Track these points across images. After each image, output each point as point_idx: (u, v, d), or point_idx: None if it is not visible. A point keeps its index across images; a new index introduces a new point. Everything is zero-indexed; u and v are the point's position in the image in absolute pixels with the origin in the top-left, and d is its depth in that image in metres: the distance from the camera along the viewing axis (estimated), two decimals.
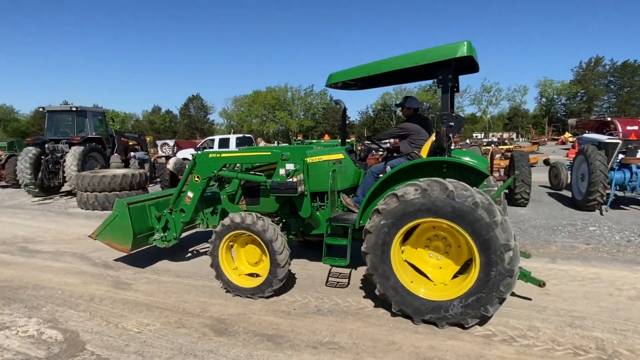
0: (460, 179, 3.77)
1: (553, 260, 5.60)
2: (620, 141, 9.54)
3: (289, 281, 4.91)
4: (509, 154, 13.24)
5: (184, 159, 15.22)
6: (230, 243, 4.65)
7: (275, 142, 55.75)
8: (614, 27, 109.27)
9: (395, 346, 3.45)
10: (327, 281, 4.98)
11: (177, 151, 20.86)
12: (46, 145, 13.40)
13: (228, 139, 19.78)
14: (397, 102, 5.46)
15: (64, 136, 14.21)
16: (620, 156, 8.96)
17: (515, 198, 9.08)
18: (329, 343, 3.54)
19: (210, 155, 5.04)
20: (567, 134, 47.75)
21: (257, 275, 4.63)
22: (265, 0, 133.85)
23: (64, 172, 12.90)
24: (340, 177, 4.83)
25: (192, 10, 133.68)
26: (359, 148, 5.57)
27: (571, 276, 4.96)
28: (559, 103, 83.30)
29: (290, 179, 4.32)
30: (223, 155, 5.03)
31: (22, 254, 6.76)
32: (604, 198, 8.41)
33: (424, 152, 4.55)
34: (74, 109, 14.40)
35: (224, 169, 5.03)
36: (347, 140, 5.69)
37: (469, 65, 4.31)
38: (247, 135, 22.47)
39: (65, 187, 13.86)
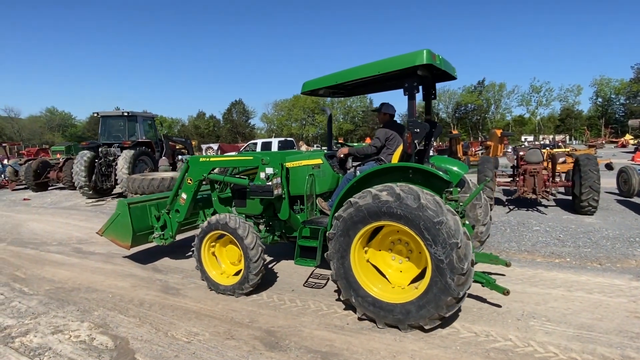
0: (427, 185, 3.85)
1: (638, 277, 4.96)
2: None
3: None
4: (570, 158, 12.21)
5: None
6: (213, 244, 4.89)
7: (315, 145, 55.84)
8: None
9: None
10: (305, 281, 5.14)
11: (221, 155, 21.23)
12: (99, 149, 13.96)
13: (270, 143, 19.94)
14: (373, 109, 5.41)
15: (116, 140, 14.77)
16: None
17: (582, 206, 8.28)
18: None
19: (201, 159, 5.37)
20: (627, 136, 44.51)
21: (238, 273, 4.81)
22: (305, 5, 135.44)
23: (115, 174, 13.39)
24: (318, 182, 4.95)
25: (232, 19, 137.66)
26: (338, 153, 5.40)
27: None
28: (617, 103, 77.84)
29: (269, 183, 4.58)
30: (212, 159, 5.39)
31: (76, 255, 6.94)
32: None
33: (396, 158, 4.58)
34: (126, 114, 14.96)
35: (212, 172, 5.30)
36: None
37: (444, 72, 4.30)
38: (288, 138, 22.55)
39: (117, 189, 14.38)
